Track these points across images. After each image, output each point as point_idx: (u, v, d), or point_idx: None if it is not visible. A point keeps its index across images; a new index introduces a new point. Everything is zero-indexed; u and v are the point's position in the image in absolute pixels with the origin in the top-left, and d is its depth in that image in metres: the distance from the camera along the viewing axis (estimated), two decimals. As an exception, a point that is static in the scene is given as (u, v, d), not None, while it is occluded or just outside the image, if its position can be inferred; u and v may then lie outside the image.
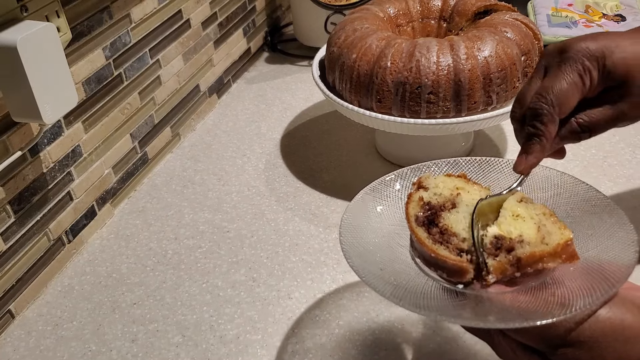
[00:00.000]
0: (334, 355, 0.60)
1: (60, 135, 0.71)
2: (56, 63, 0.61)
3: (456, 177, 0.53)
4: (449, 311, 0.45)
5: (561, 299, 0.42)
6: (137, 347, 0.63)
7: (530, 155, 0.50)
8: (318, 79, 0.83)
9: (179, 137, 0.96)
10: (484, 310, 0.44)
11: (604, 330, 0.40)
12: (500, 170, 0.56)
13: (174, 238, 0.77)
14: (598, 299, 0.40)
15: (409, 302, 0.44)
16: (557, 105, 0.49)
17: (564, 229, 0.46)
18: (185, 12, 0.94)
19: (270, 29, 1.25)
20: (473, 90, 0.72)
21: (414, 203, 0.51)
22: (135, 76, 0.83)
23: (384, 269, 0.48)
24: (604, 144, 0.87)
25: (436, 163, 0.58)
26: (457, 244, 0.47)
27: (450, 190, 0.51)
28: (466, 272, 0.46)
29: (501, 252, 0.46)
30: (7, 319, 0.66)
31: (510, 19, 0.77)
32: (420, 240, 0.47)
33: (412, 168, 0.57)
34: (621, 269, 0.43)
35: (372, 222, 0.53)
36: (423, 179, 0.52)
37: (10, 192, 0.65)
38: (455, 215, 0.49)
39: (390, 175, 0.57)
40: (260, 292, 0.68)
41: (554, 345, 0.41)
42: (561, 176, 0.54)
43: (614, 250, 0.46)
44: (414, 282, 0.47)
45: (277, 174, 0.87)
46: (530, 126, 0.50)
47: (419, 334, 0.61)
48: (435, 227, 0.48)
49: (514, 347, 0.43)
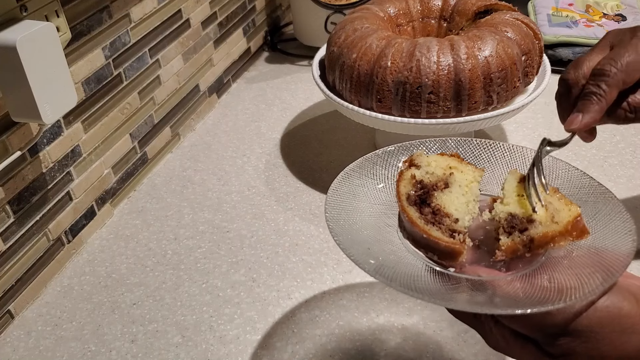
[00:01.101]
0: (334, 356, 0.60)
1: (59, 135, 0.71)
2: (56, 63, 0.61)
3: (449, 156, 0.51)
4: (440, 295, 0.43)
5: (558, 286, 0.41)
6: (137, 347, 0.63)
7: (587, 114, 0.49)
8: (318, 78, 0.83)
9: (178, 137, 0.96)
10: (477, 295, 0.42)
11: (601, 319, 0.39)
12: (491, 153, 0.55)
13: (173, 238, 0.77)
14: (597, 287, 0.39)
15: (399, 283, 0.41)
16: (625, 72, 0.49)
17: (571, 205, 0.45)
18: (185, 12, 0.94)
19: (270, 28, 1.25)
20: (473, 90, 0.71)
21: (405, 181, 0.48)
22: (135, 76, 0.83)
23: (372, 249, 0.45)
24: (605, 144, 0.87)
25: (423, 142, 0.55)
26: (450, 224, 0.45)
27: (443, 169, 0.49)
28: (459, 254, 0.44)
29: (515, 231, 0.44)
30: (6, 319, 0.66)
31: (510, 18, 0.77)
32: (411, 220, 0.45)
33: (399, 146, 0.55)
34: (620, 257, 0.42)
35: (358, 201, 0.50)
36: (415, 157, 0.50)
37: (9, 192, 0.65)
38: (448, 195, 0.47)
39: (377, 152, 0.54)
40: (260, 293, 0.68)
41: (551, 334, 0.40)
42: (555, 162, 0.53)
43: (611, 239, 0.44)
44: (403, 264, 0.45)
45: (277, 174, 0.87)
46: (593, 85, 0.50)
47: (419, 334, 0.61)
48: (428, 207, 0.46)
49: (507, 335, 0.42)
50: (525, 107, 0.75)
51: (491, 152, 0.55)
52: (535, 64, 0.77)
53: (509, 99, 0.75)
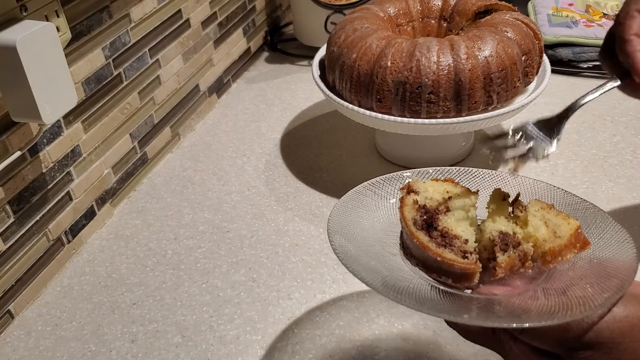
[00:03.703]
0: (334, 356, 0.60)
1: (59, 135, 0.71)
2: (56, 63, 0.61)
3: (443, 181, 0.52)
4: (458, 312, 0.43)
5: (576, 297, 0.40)
6: (137, 347, 0.63)
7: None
8: (318, 78, 0.83)
9: (178, 137, 0.96)
10: (494, 313, 0.42)
11: (622, 329, 0.39)
12: (481, 181, 0.56)
13: (173, 238, 0.77)
14: (616, 293, 0.39)
15: (423, 306, 0.41)
16: None
17: (569, 219, 0.46)
18: (185, 12, 0.94)
19: (270, 28, 1.25)
20: (473, 90, 0.71)
21: (408, 207, 0.48)
22: (135, 76, 0.83)
23: (387, 278, 0.45)
24: (605, 144, 0.87)
25: (418, 171, 0.56)
26: (461, 246, 0.45)
27: (441, 193, 0.50)
28: (474, 275, 0.44)
29: (509, 248, 0.45)
30: (6, 319, 0.66)
31: (510, 18, 0.77)
32: (423, 245, 0.45)
33: (385, 178, 0.55)
34: (625, 264, 0.42)
35: (359, 231, 0.50)
36: (412, 183, 0.51)
37: (9, 192, 0.65)
38: (451, 218, 0.48)
39: (371, 181, 0.54)
40: (260, 293, 0.68)
41: (572, 347, 0.40)
42: (535, 183, 0.54)
43: (609, 249, 0.45)
44: (416, 287, 0.45)
45: (277, 174, 0.87)
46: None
47: (420, 334, 0.61)
48: (435, 231, 0.46)
49: (527, 352, 0.42)
50: (525, 107, 0.75)
51: (472, 178, 0.56)
52: (535, 64, 0.77)
53: (509, 99, 0.75)
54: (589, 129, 0.90)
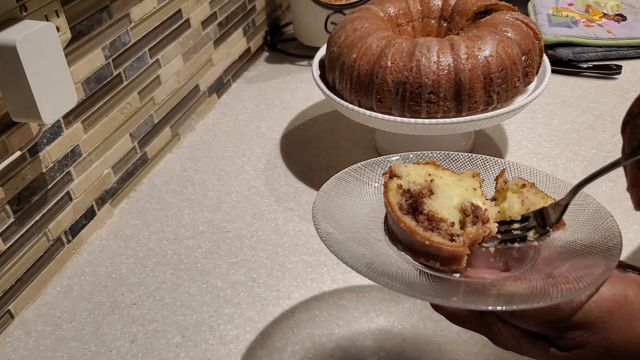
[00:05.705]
0: (333, 355, 0.60)
1: (59, 135, 0.71)
2: (56, 63, 0.61)
3: (425, 164, 0.51)
4: (447, 295, 0.42)
5: (565, 278, 0.41)
6: (137, 347, 0.63)
7: None
8: (318, 78, 0.83)
9: (178, 137, 0.96)
10: (484, 296, 0.42)
11: (610, 308, 0.39)
12: (462, 165, 0.55)
13: (173, 238, 0.77)
14: (600, 276, 0.39)
15: (414, 290, 0.41)
16: None
17: (548, 198, 0.46)
18: (185, 12, 0.94)
19: (270, 28, 1.25)
20: (473, 90, 0.71)
21: (392, 191, 0.47)
22: (135, 76, 0.83)
23: (374, 264, 0.45)
24: (605, 144, 0.87)
25: (400, 156, 0.55)
26: (447, 229, 0.45)
27: (423, 177, 0.49)
28: (462, 258, 0.43)
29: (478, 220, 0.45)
30: (6, 319, 0.66)
31: (510, 18, 0.77)
32: (410, 229, 0.44)
33: (366, 163, 0.55)
34: (611, 240, 0.42)
35: (342, 217, 0.50)
36: (394, 168, 0.50)
37: (9, 192, 0.65)
38: (436, 201, 0.47)
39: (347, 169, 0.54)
40: (260, 293, 0.68)
41: (561, 328, 0.40)
42: (519, 166, 0.54)
43: (594, 229, 0.45)
44: (405, 273, 0.44)
45: (277, 174, 0.87)
46: None
47: (419, 334, 0.61)
48: (421, 215, 0.46)
49: (516, 334, 0.42)
50: (525, 107, 0.75)
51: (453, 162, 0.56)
52: (535, 64, 0.77)
53: (509, 99, 0.75)
54: (589, 129, 0.90)
